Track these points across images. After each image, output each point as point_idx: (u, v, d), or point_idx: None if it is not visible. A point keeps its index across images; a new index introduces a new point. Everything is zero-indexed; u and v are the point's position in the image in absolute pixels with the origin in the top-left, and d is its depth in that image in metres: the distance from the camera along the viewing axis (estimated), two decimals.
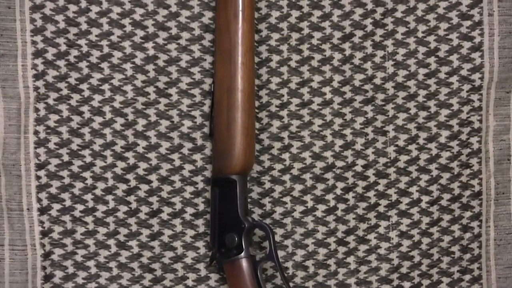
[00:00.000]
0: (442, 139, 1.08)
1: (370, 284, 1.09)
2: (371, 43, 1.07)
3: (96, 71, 1.06)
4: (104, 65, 1.06)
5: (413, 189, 1.08)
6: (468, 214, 1.09)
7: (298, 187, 1.08)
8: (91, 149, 1.07)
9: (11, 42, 1.05)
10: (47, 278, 1.07)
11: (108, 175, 1.07)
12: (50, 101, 1.06)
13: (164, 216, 1.08)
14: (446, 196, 1.08)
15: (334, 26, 1.07)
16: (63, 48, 1.06)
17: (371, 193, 1.08)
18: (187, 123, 1.07)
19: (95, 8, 1.06)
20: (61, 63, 1.06)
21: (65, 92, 1.06)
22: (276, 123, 1.08)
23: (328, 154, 1.08)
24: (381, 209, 1.08)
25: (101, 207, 1.07)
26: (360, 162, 1.08)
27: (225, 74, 1.00)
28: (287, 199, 1.08)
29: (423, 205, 1.08)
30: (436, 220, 1.08)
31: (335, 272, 1.09)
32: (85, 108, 1.06)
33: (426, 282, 1.09)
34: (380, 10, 1.07)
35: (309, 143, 1.08)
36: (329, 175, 1.08)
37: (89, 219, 1.07)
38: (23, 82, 1.05)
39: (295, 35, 1.07)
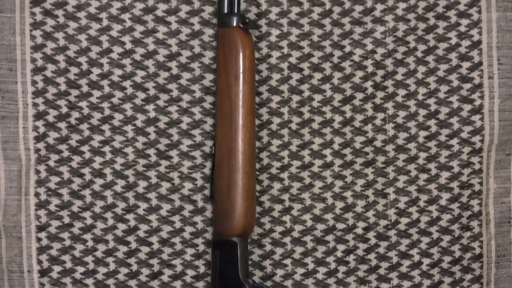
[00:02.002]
0: (443, 202, 1.05)
1: None
2: (372, 105, 1.05)
3: (97, 133, 1.04)
4: (105, 127, 1.04)
5: (414, 251, 1.05)
6: (469, 276, 1.06)
7: (299, 249, 1.05)
8: (92, 211, 1.04)
9: (13, 104, 1.02)
10: None
11: (109, 237, 1.04)
12: (51, 163, 1.03)
13: (165, 278, 1.05)
14: (447, 258, 1.05)
15: (335, 88, 1.05)
16: (64, 110, 1.03)
17: (371, 256, 1.06)
18: (188, 185, 1.05)
19: (96, 70, 1.03)
20: (62, 125, 1.03)
21: (66, 154, 1.03)
22: (276, 185, 1.05)
23: (328, 216, 1.05)
24: (382, 271, 1.05)
25: (102, 269, 1.04)
26: (361, 224, 1.05)
27: (226, 136, 0.97)
28: (288, 261, 1.05)
29: (424, 267, 1.05)
30: (437, 282, 1.05)
31: None
32: (86, 170, 1.04)
33: None
34: (380, 72, 1.05)
35: (310, 205, 1.05)
36: (329, 238, 1.05)
37: (89, 281, 1.04)
38: (24, 144, 1.03)
39: (295, 98, 1.05)
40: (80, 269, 1.04)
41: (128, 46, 1.04)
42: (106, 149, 1.04)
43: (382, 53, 1.04)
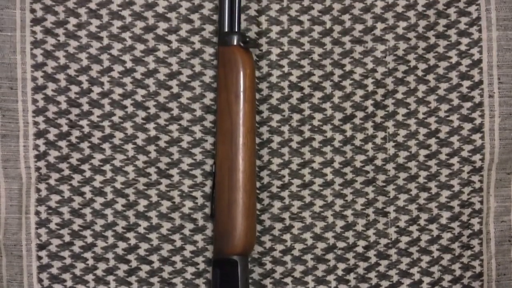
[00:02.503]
0: (443, 220, 1.05)
1: None
2: (372, 124, 1.04)
3: (97, 152, 1.03)
4: (106, 146, 1.03)
5: (414, 270, 1.05)
6: None
7: (299, 268, 1.05)
8: (92, 230, 1.03)
9: (13, 123, 1.02)
10: None
11: (109, 255, 1.04)
12: (52, 182, 1.03)
13: None
14: (447, 277, 1.05)
15: (335, 107, 1.04)
16: (65, 128, 1.03)
17: (372, 274, 1.05)
18: (188, 203, 1.04)
19: (96, 89, 1.03)
20: (62, 143, 1.03)
21: (66, 172, 1.03)
22: (277, 204, 1.05)
23: (329, 235, 1.05)
24: None
25: (103, 287, 1.04)
26: (361, 243, 1.05)
27: (226, 154, 0.97)
28: (288, 280, 1.05)
29: (424, 286, 1.05)
30: None
31: None
32: (86, 189, 1.03)
33: None
34: (381, 91, 1.04)
35: (310, 224, 1.05)
36: (330, 256, 1.05)
37: None
38: (25, 162, 1.02)
39: (296, 116, 1.04)
40: (81, 287, 1.04)
41: (129, 64, 1.03)
42: (107, 167, 1.03)
43: (383, 72, 1.04)
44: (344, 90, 1.04)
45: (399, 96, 1.04)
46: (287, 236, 1.05)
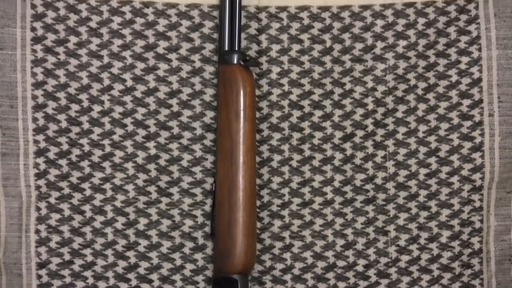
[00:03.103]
0: (443, 239, 1.04)
1: None
2: (372, 143, 1.04)
3: (97, 170, 1.03)
4: (106, 164, 1.03)
5: None
6: None
7: (300, 287, 1.04)
8: (93, 248, 1.03)
9: (13, 141, 1.02)
10: None
11: (109, 274, 1.03)
12: (52, 200, 1.03)
13: None
14: None
15: (335, 126, 1.04)
16: (65, 147, 1.03)
17: None
18: (189, 222, 1.04)
19: (97, 108, 1.03)
20: (62, 162, 1.03)
21: (66, 191, 1.03)
22: (277, 222, 1.04)
23: (329, 253, 1.05)
24: None
25: None
26: (362, 261, 1.05)
27: (226, 173, 0.97)
28: None
29: None
30: None
31: None
32: (86, 207, 1.03)
33: None
34: (381, 110, 1.04)
35: (310, 242, 1.04)
36: (330, 275, 1.05)
37: None
38: (25, 181, 1.02)
39: (296, 135, 1.04)
40: None
41: (129, 83, 1.03)
42: (107, 186, 1.03)
43: (383, 91, 1.04)
44: (344, 108, 1.04)
45: (399, 114, 1.04)
46: (287, 255, 1.04)
